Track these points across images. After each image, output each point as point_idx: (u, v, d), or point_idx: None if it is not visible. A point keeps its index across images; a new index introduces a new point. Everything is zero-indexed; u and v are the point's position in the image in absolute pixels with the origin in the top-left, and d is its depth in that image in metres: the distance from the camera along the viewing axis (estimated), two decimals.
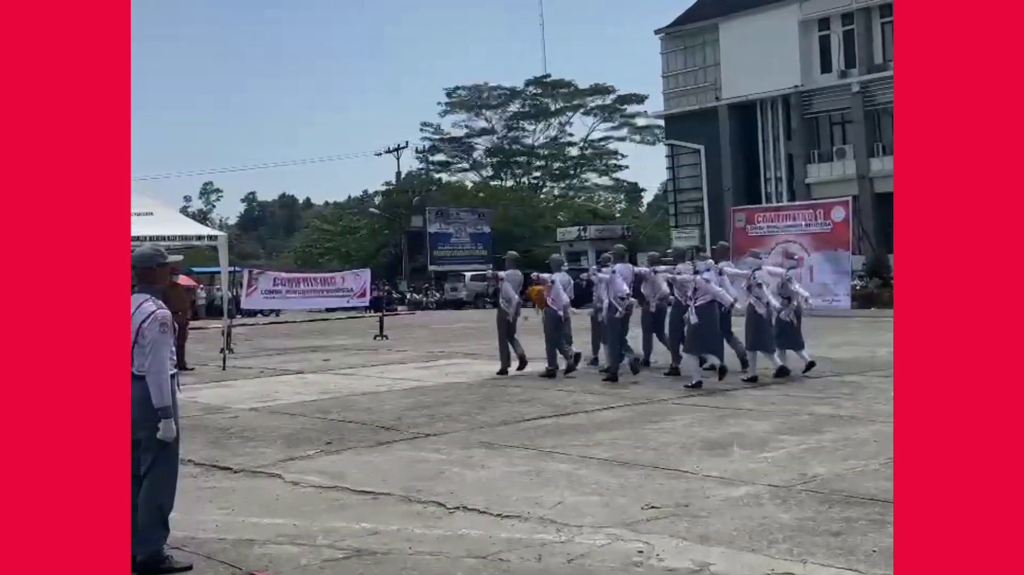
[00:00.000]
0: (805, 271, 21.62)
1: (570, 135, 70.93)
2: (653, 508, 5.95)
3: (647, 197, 79.23)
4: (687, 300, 12.38)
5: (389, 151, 56.39)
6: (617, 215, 67.94)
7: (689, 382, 11.65)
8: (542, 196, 70.25)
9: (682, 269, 13.38)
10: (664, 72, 45.20)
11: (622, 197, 76.14)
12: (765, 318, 12.34)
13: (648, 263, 14.41)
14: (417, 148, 68.53)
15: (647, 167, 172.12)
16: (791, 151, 40.82)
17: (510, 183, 70.74)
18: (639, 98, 66.02)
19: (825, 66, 39.99)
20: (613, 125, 69.79)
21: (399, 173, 60.58)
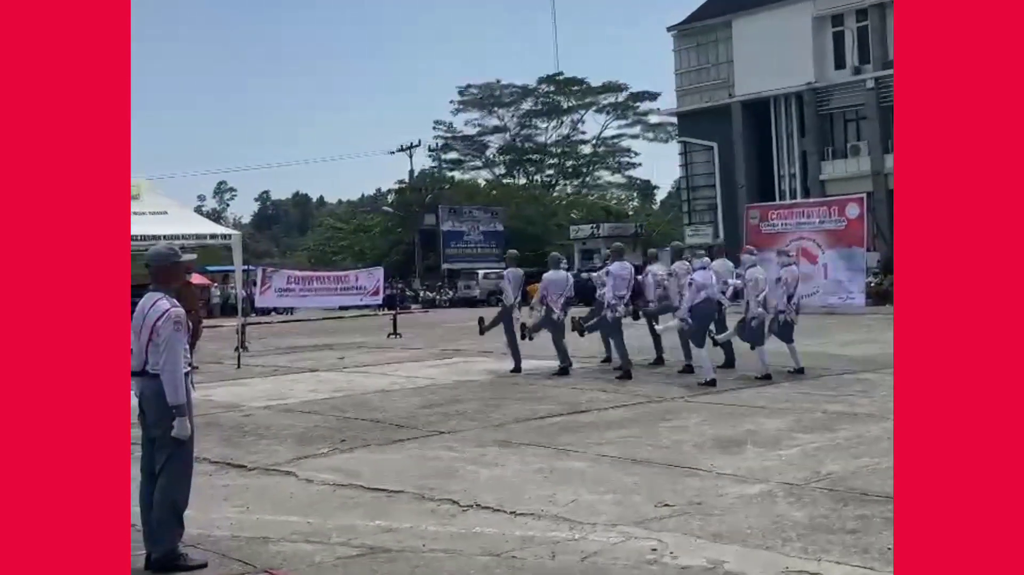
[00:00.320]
0: (819, 268, 21.50)
1: (583, 133, 71.08)
2: (667, 506, 5.95)
3: (660, 195, 79.34)
4: (678, 299, 12.63)
5: (402, 149, 56.49)
6: (630, 213, 67.88)
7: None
8: (555, 194, 70.24)
9: (677, 267, 13.41)
10: (677, 69, 45.16)
11: (635, 195, 76.10)
12: (757, 316, 12.32)
13: (647, 261, 14.49)
14: (430, 146, 68.82)
15: (660, 165, 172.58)
16: (805, 148, 40.70)
17: (523, 181, 70.75)
18: (652, 95, 66.06)
19: (839, 62, 39.87)
20: (626, 123, 69.84)
21: (412, 171, 60.81)
